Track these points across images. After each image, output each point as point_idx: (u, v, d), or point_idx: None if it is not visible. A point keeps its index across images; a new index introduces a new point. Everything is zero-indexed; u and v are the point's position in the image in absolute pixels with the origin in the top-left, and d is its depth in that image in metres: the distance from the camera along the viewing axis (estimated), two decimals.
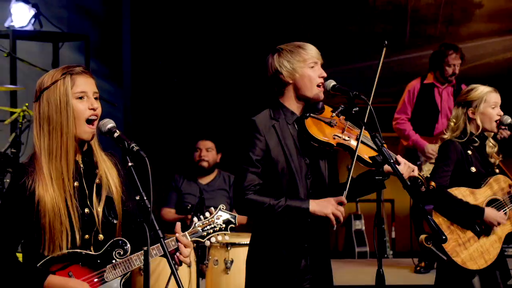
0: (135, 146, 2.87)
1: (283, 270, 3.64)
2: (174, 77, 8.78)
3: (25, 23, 7.82)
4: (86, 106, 2.99)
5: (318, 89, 3.65)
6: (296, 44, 3.68)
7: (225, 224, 3.23)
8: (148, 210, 2.80)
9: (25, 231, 2.96)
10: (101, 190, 3.06)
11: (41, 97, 2.99)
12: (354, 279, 6.98)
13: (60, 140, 2.97)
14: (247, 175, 3.55)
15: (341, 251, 8.70)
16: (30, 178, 2.95)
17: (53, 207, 2.92)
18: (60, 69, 3.02)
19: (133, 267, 3.05)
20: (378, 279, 3.55)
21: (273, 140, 3.61)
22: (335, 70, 8.66)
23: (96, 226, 3.03)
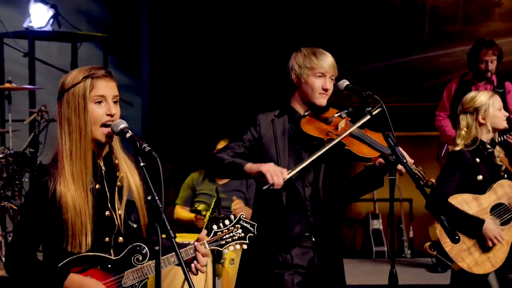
0: (146, 146, 2.87)
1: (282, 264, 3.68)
2: (192, 77, 8.80)
3: (44, 24, 7.90)
4: (103, 111, 2.99)
5: (320, 96, 3.72)
6: (314, 50, 3.75)
7: (244, 233, 3.23)
8: (160, 210, 2.80)
9: (47, 230, 2.98)
10: (122, 193, 3.08)
11: (63, 98, 3.00)
12: (371, 278, 6.97)
13: (79, 143, 2.98)
14: (231, 144, 3.74)
15: (359, 250, 8.68)
16: (52, 178, 2.96)
17: (74, 206, 2.94)
18: (82, 70, 3.02)
19: (150, 273, 3.05)
20: (391, 279, 3.54)
21: (269, 133, 3.74)
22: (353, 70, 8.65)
23: (116, 229, 3.05)
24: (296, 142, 3.73)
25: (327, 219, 3.74)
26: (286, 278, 3.70)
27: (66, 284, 2.93)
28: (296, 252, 3.70)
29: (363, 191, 3.84)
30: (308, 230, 3.71)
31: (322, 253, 3.73)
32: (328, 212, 3.74)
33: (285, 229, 3.70)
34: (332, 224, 3.77)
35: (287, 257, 3.69)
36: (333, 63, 3.73)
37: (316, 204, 3.72)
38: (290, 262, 3.69)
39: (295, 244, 3.71)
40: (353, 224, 8.90)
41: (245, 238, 3.21)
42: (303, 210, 3.70)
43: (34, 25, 7.93)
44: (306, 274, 3.72)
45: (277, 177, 3.44)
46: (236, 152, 3.72)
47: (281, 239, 3.70)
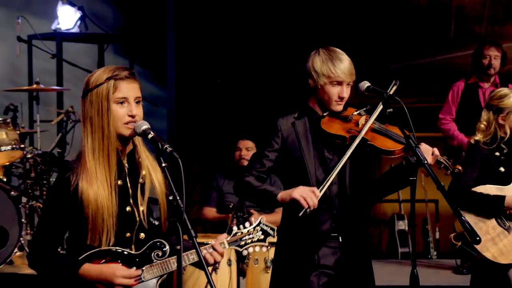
0: (168, 147, 2.92)
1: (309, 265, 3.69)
2: (218, 77, 8.84)
3: (71, 26, 7.99)
4: (125, 111, 3.04)
5: (336, 104, 3.72)
6: (331, 55, 3.70)
7: (263, 236, 3.26)
8: (181, 209, 2.84)
9: (69, 224, 3.05)
10: (145, 189, 3.12)
11: (86, 97, 3.06)
12: (396, 279, 6.95)
13: (102, 142, 3.04)
14: (254, 163, 3.75)
15: (385, 251, 8.66)
16: (75, 174, 3.02)
17: (96, 201, 2.99)
18: (106, 70, 3.07)
19: (170, 269, 3.09)
20: (412, 280, 3.54)
21: (291, 136, 3.74)
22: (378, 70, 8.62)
23: (138, 225, 3.09)
24: (319, 143, 3.73)
25: (354, 217, 3.75)
26: (312, 279, 3.70)
27: (81, 271, 2.99)
28: (324, 252, 3.71)
29: (388, 190, 3.84)
30: (335, 229, 3.72)
31: (349, 254, 3.73)
32: (354, 210, 3.75)
33: (312, 228, 3.70)
34: (359, 223, 3.78)
35: (314, 257, 3.70)
36: (350, 69, 3.68)
37: (343, 202, 3.72)
38: (317, 262, 3.70)
39: (322, 244, 3.72)
40: (379, 225, 8.88)
41: (264, 241, 3.25)
42: (330, 208, 3.71)
43: (62, 27, 8.03)
44: (333, 274, 3.72)
45: (310, 199, 3.49)
46: (262, 171, 3.73)
47: (309, 239, 3.71)
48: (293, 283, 3.73)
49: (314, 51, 3.76)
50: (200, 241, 3.07)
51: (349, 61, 3.70)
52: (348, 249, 3.73)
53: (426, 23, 8.92)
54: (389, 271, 7.39)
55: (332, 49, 3.74)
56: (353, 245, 3.74)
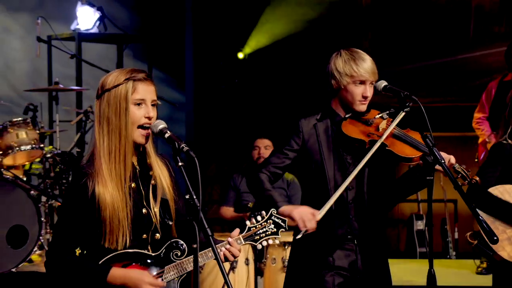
0: (185, 146, 2.92)
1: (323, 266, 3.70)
2: (235, 77, 8.86)
3: (90, 26, 8.03)
4: (142, 113, 3.04)
5: (360, 103, 3.70)
6: (353, 55, 3.70)
7: (276, 228, 3.26)
8: (197, 208, 2.84)
9: (87, 229, 3.04)
10: (157, 191, 3.13)
11: (103, 97, 3.05)
12: (414, 279, 6.94)
13: (119, 143, 3.03)
14: (273, 158, 3.76)
15: (403, 251, 8.65)
16: (91, 178, 3.02)
17: (112, 204, 3.00)
18: (124, 72, 3.07)
19: (189, 269, 3.10)
20: (429, 280, 3.53)
21: (312, 138, 3.73)
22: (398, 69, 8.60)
23: (153, 226, 3.10)
24: (339, 145, 3.72)
25: (371, 222, 3.74)
26: (327, 279, 3.70)
27: (109, 278, 2.98)
28: (338, 254, 3.71)
29: (407, 193, 3.82)
30: (351, 234, 3.71)
31: (365, 256, 3.73)
32: (371, 215, 3.74)
33: (328, 232, 3.70)
34: (376, 227, 3.77)
35: (329, 259, 3.70)
36: (373, 68, 3.68)
37: (359, 208, 3.71)
38: (332, 263, 3.70)
39: (337, 247, 3.72)
40: (397, 225, 8.87)
41: (277, 233, 3.25)
42: (346, 213, 3.70)
43: (81, 27, 8.07)
44: (348, 276, 3.72)
45: (309, 222, 3.50)
46: (279, 166, 3.74)
47: (324, 241, 3.72)
48: (308, 283, 3.73)
49: (336, 53, 3.75)
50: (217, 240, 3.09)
51: (371, 61, 3.70)
52: (364, 252, 3.73)
53: (445, 22, 8.88)
54: (408, 271, 7.37)
55: (354, 50, 3.74)
56: (369, 247, 3.74)
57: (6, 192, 6.13)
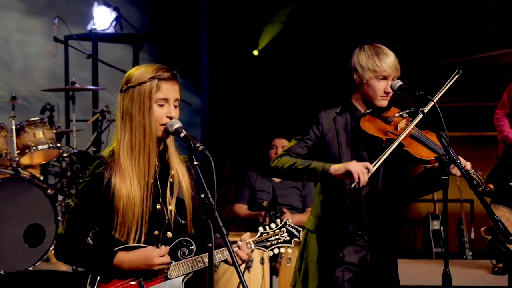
0: (200, 145, 2.93)
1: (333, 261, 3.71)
2: (251, 77, 8.87)
3: (107, 26, 8.07)
4: (164, 112, 3.05)
5: (382, 99, 3.70)
6: (377, 50, 3.70)
7: (289, 237, 3.25)
8: (213, 207, 2.85)
9: (98, 218, 3.06)
10: (173, 188, 3.13)
11: (127, 92, 3.06)
12: (429, 279, 6.92)
13: (143, 141, 3.04)
14: (294, 147, 3.73)
15: (419, 251, 8.62)
16: (108, 168, 3.03)
17: (128, 196, 3.01)
18: (150, 69, 3.07)
19: (196, 267, 3.11)
20: (445, 279, 3.53)
21: (331, 132, 3.72)
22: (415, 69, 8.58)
23: (166, 223, 3.10)
24: (357, 141, 3.72)
25: (382, 219, 3.74)
26: (337, 274, 3.72)
27: (115, 262, 3.00)
28: (349, 250, 3.72)
29: (421, 193, 3.82)
30: (362, 230, 3.72)
31: (375, 252, 3.73)
32: (383, 212, 3.74)
33: (339, 227, 3.71)
34: (388, 224, 3.77)
35: (339, 254, 3.72)
36: (396, 64, 3.68)
37: (371, 204, 3.72)
38: (342, 259, 3.72)
39: (348, 242, 3.72)
40: (413, 225, 8.85)
41: (290, 242, 3.23)
42: (358, 209, 3.71)
43: (98, 28, 8.12)
44: (358, 271, 3.73)
45: (362, 174, 3.45)
46: (299, 154, 3.72)
47: (335, 237, 3.73)
48: (318, 277, 3.75)
49: (359, 48, 3.75)
50: (233, 240, 3.09)
51: (394, 56, 3.70)
52: (375, 248, 3.73)
53: (461, 21, 8.85)
54: (423, 271, 7.36)
55: (377, 45, 3.74)
56: (380, 244, 3.75)
57: (23, 191, 6.18)
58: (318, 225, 3.77)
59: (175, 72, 3.11)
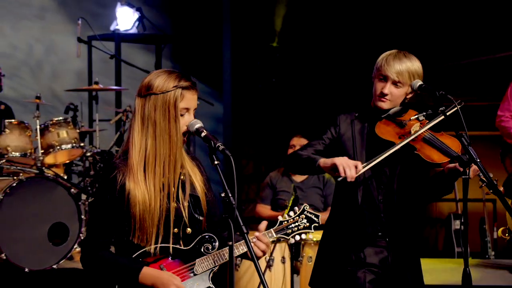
0: (220, 145, 2.97)
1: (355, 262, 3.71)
2: (273, 77, 8.89)
3: (130, 27, 8.12)
4: (184, 122, 3.09)
5: (379, 100, 3.69)
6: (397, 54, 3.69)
7: (309, 223, 3.30)
8: (233, 206, 2.88)
9: (117, 223, 3.08)
10: (185, 186, 3.16)
11: (148, 98, 3.07)
12: (451, 278, 6.90)
13: (169, 147, 3.06)
14: (311, 143, 3.77)
15: (441, 250, 8.60)
16: (121, 173, 3.05)
17: (143, 200, 3.04)
18: (172, 77, 3.08)
19: (221, 261, 3.15)
20: (465, 279, 3.53)
21: (347, 134, 3.75)
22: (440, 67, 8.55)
23: (184, 220, 3.13)
24: (371, 145, 3.73)
25: (401, 220, 3.74)
26: (359, 275, 3.72)
27: (140, 278, 3.03)
28: (369, 251, 3.72)
29: (441, 193, 3.81)
30: (381, 231, 3.73)
31: (396, 253, 3.74)
32: (401, 213, 3.74)
33: (358, 229, 3.73)
34: (407, 225, 3.77)
35: (360, 255, 3.72)
36: (401, 70, 3.63)
37: (389, 206, 3.72)
38: (363, 260, 3.72)
39: (368, 244, 3.73)
40: (435, 224, 8.83)
41: (310, 228, 3.28)
42: (376, 211, 3.72)
43: (121, 28, 8.18)
44: (379, 272, 3.73)
45: (349, 169, 3.46)
46: (316, 149, 3.76)
47: (355, 238, 3.74)
48: (338, 279, 3.76)
49: None
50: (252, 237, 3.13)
51: (408, 65, 3.65)
52: (396, 249, 3.74)
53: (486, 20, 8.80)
54: (445, 270, 7.33)
55: (403, 52, 3.72)
56: (400, 245, 3.75)
57: (47, 190, 6.25)
58: (336, 225, 3.79)
59: (194, 81, 3.13)
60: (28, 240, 6.12)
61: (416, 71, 3.67)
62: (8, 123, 6.43)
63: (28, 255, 6.09)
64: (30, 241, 6.13)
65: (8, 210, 6.04)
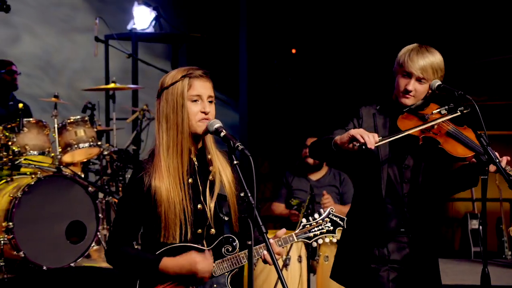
0: (240, 145, 2.98)
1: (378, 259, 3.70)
2: (289, 76, 8.89)
3: (146, 26, 8.14)
4: (199, 108, 3.12)
5: (403, 96, 3.67)
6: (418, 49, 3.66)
7: (333, 227, 3.27)
8: (252, 206, 2.89)
9: (143, 221, 3.14)
10: (214, 187, 3.19)
11: (162, 96, 3.14)
12: (468, 278, 6.89)
13: (176, 139, 3.12)
14: (336, 131, 3.69)
15: (457, 250, 8.58)
16: (147, 173, 3.11)
17: (168, 199, 3.08)
18: (181, 70, 3.16)
19: (240, 264, 3.16)
20: (483, 279, 3.51)
21: (370, 128, 3.71)
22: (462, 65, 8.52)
23: (208, 221, 3.16)
24: None
25: (424, 216, 3.73)
26: (381, 273, 3.70)
27: (161, 267, 3.07)
28: (392, 247, 3.71)
29: (456, 189, 3.80)
30: (404, 226, 3.71)
31: (417, 250, 3.72)
32: (425, 209, 3.73)
33: (381, 224, 3.70)
34: (429, 221, 3.76)
35: (384, 251, 3.70)
36: (425, 66, 3.61)
37: (413, 201, 3.71)
38: (387, 257, 3.71)
39: (391, 239, 3.71)
40: (452, 224, 8.80)
41: (334, 232, 3.25)
42: (400, 206, 3.70)
43: (138, 27, 8.20)
44: (402, 269, 3.72)
45: (368, 136, 3.40)
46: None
47: (377, 233, 3.72)
48: (360, 275, 3.74)
49: None
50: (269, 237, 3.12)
51: (431, 60, 3.63)
52: (417, 246, 3.72)
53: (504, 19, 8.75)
54: (461, 270, 7.32)
55: (425, 46, 3.69)
56: (422, 242, 3.74)
57: (65, 189, 6.28)
58: (358, 219, 3.78)
59: (207, 71, 3.17)
60: (46, 238, 6.15)
61: (439, 66, 3.65)
62: (26, 122, 6.46)
63: (46, 253, 6.12)
64: (48, 239, 6.16)
65: (26, 209, 6.07)
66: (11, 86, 7.18)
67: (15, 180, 6.28)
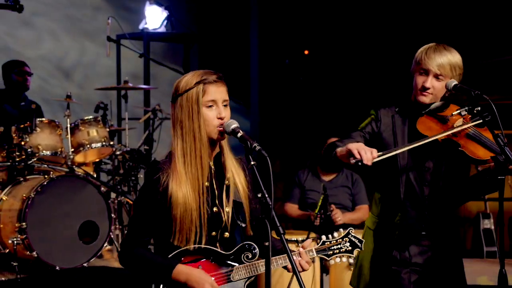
0: (257, 145, 2.96)
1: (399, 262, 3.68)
2: (300, 75, 8.88)
3: (158, 25, 8.15)
4: (214, 114, 3.10)
5: (420, 94, 3.65)
6: (435, 47, 3.65)
7: (351, 247, 3.29)
8: (269, 207, 2.88)
9: (158, 222, 3.12)
10: (229, 191, 3.18)
11: (176, 101, 3.13)
12: (481, 279, 6.86)
13: (194, 145, 3.10)
14: (352, 134, 3.68)
15: (469, 249, 8.54)
16: (165, 174, 3.09)
17: (184, 203, 3.06)
18: (195, 75, 3.13)
19: (258, 272, 3.16)
20: (501, 279, 3.50)
21: (388, 130, 3.69)
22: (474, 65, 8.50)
23: (223, 224, 3.15)
24: (413, 141, 3.64)
25: (444, 218, 3.71)
26: (403, 276, 3.68)
27: (174, 274, 3.05)
28: (414, 250, 3.68)
29: (477, 194, 3.78)
30: (425, 229, 3.69)
31: (440, 253, 3.70)
32: (445, 212, 3.71)
33: (402, 227, 3.68)
34: (449, 224, 3.73)
35: (405, 254, 3.68)
36: (442, 63, 3.59)
37: (434, 204, 3.68)
38: (409, 260, 3.68)
39: (412, 242, 3.69)
40: (464, 224, 8.77)
41: (352, 252, 3.27)
42: (421, 209, 3.68)
43: (149, 27, 8.21)
44: (423, 272, 3.69)
45: (364, 153, 3.36)
46: (356, 140, 3.66)
47: (398, 236, 3.69)
48: (381, 277, 3.72)
49: None
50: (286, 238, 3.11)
51: (449, 57, 3.61)
52: (439, 249, 3.70)
53: None
54: (474, 270, 7.28)
55: (442, 44, 3.68)
56: (444, 244, 3.71)
57: (77, 189, 6.29)
58: (378, 223, 3.76)
59: (221, 75, 3.15)
60: (59, 238, 6.16)
61: (457, 64, 3.63)
62: (39, 121, 6.47)
63: (59, 253, 6.13)
64: (61, 240, 6.17)
65: (39, 209, 6.08)
66: (22, 87, 7.19)
67: (28, 180, 6.30)
